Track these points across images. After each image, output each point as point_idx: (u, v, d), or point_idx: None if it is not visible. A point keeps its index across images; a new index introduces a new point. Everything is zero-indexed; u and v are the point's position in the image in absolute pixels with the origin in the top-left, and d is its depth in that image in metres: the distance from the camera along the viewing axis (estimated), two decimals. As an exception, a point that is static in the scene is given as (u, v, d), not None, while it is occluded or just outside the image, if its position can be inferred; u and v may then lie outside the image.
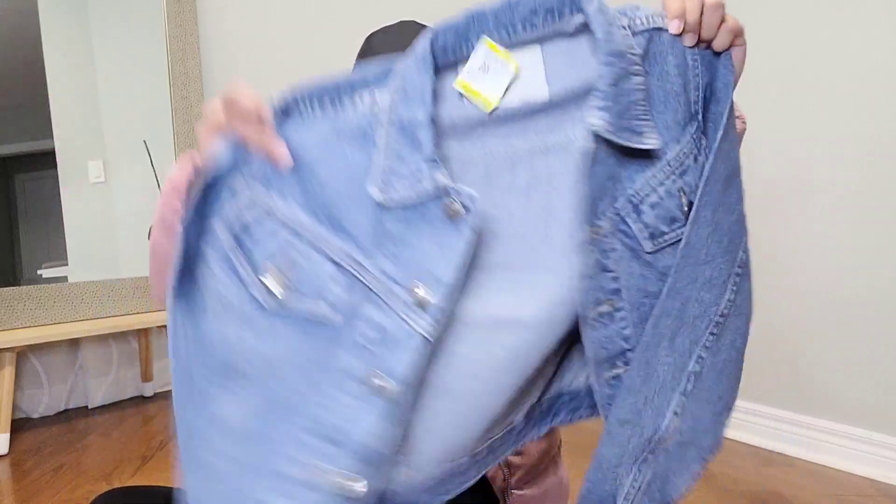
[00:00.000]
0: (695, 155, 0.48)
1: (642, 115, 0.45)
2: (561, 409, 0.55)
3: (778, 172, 1.58)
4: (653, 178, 0.47)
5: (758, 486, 1.37)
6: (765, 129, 1.60)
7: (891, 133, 1.39)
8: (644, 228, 0.47)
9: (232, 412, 0.43)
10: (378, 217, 0.43)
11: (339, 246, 0.43)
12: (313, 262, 0.43)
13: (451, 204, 0.42)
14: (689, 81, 0.48)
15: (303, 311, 0.43)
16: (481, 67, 0.44)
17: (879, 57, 1.40)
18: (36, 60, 1.87)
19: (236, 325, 0.43)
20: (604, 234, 0.46)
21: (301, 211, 0.43)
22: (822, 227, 1.51)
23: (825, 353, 1.52)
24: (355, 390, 0.42)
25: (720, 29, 0.48)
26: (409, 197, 0.42)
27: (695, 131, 0.48)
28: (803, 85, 1.53)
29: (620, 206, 0.46)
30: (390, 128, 0.43)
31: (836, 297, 1.49)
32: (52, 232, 1.91)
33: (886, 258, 1.40)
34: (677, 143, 0.47)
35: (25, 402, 1.84)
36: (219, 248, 0.43)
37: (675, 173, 0.47)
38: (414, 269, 0.42)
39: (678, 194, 0.48)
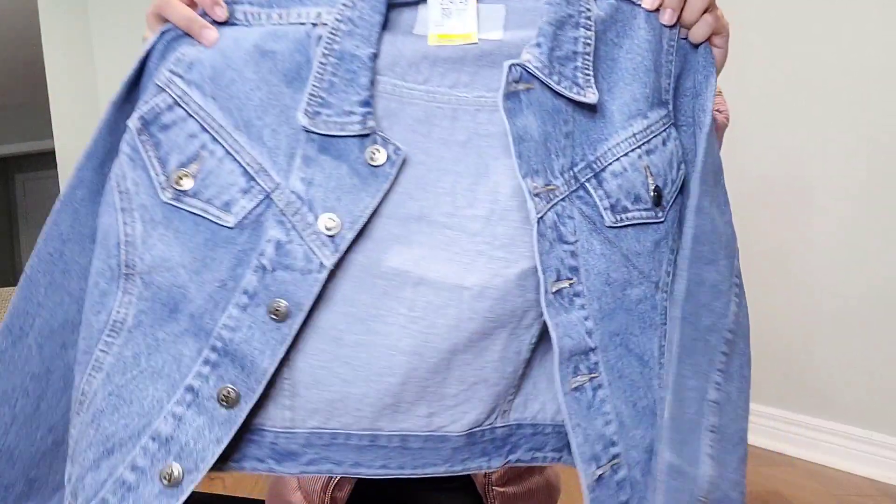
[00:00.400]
0: (664, 139, 0.47)
1: (584, 69, 0.44)
2: (520, 443, 0.49)
3: (777, 172, 1.58)
4: (616, 146, 0.45)
5: (758, 486, 1.37)
6: (765, 127, 1.60)
7: (892, 133, 1.39)
8: (605, 197, 0.45)
9: (122, 311, 0.43)
10: (298, 136, 0.43)
11: (254, 157, 0.42)
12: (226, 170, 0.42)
13: (375, 150, 0.42)
14: (661, 64, 0.47)
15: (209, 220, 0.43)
16: (444, 14, 0.44)
17: (880, 55, 1.40)
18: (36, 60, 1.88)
19: (139, 221, 0.43)
20: (559, 195, 0.44)
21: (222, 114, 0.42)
22: (822, 227, 1.51)
23: (825, 353, 1.52)
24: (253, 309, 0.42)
25: (702, 17, 0.47)
26: (335, 131, 0.42)
27: (664, 116, 0.47)
28: (804, 83, 1.53)
29: (579, 170, 0.45)
30: (329, 56, 0.42)
31: (837, 298, 1.49)
32: (52, 232, 1.91)
33: (886, 258, 1.40)
34: (645, 117, 0.46)
35: (25, 402, 1.83)
36: (131, 143, 0.43)
37: (641, 148, 0.46)
38: (326, 197, 0.42)
39: (644, 171, 0.46)
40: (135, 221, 0.43)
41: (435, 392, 0.45)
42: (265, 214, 0.42)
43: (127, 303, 0.43)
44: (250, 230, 0.42)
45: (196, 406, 0.42)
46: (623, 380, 0.46)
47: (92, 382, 0.43)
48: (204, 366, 0.42)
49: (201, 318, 0.43)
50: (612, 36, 0.46)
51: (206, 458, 0.41)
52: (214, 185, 0.43)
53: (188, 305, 0.43)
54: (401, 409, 0.45)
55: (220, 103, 0.43)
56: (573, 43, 0.44)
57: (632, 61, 0.46)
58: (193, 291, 0.43)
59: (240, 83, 0.43)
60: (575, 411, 0.43)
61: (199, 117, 0.43)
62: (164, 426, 0.42)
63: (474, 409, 0.46)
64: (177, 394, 0.42)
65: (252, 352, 0.41)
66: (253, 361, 0.41)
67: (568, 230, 0.44)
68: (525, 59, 0.43)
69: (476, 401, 0.46)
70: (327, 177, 0.42)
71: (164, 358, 0.43)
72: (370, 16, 0.43)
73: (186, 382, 0.42)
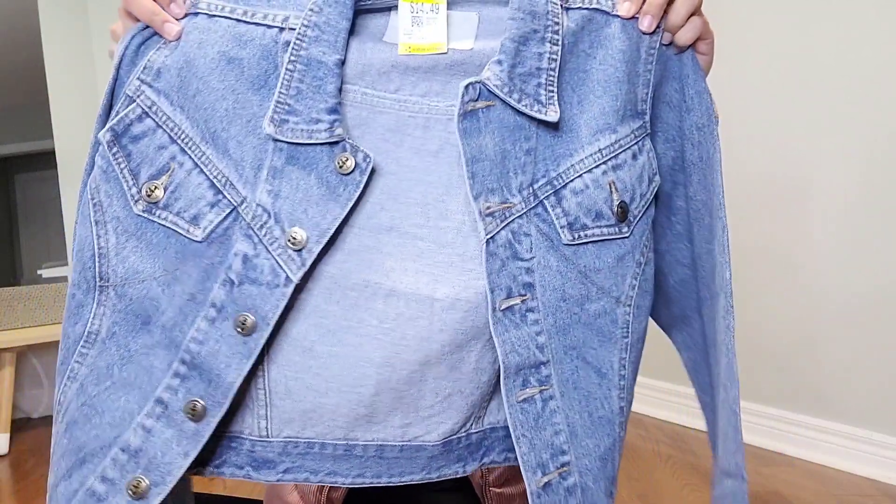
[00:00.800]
0: (634, 153, 0.46)
1: (547, 85, 0.43)
2: (494, 446, 0.49)
3: (778, 171, 1.58)
4: (580, 162, 0.45)
5: (758, 486, 1.37)
6: (766, 127, 1.60)
7: (893, 132, 1.39)
8: (563, 215, 0.44)
9: (97, 323, 0.44)
10: (266, 146, 0.42)
11: (221, 170, 0.42)
12: (194, 183, 0.42)
13: (344, 158, 0.41)
14: (637, 74, 0.46)
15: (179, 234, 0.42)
16: (413, 23, 0.44)
17: (881, 54, 1.40)
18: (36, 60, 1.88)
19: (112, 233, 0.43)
20: (516, 213, 0.43)
21: (190, 124, 0.42)
22: (822, 227, 1.51)
23: (825, 353, 1.52)
24: (220, 322, 0.42)
25: (688, 20, 0.46)
26: (302, 139, 0.41)
27: (638, 128, 0.47)
28: (804, 82, 1.53)
29: (539, 187, 0.44)
30: (296, 62, 0.42)
31: (837, 297, 1.49)
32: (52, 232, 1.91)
33: (886, 258, 1.40)
34: (614, 132, 0.45)
35: (25, 402, 1.84)
36: (104, 155, 0.43)
37: (607, 164, 0.45)
38: (293, 210, 0.42)
39: (608, 188, 0.45)
40: (108, 234, 0.43)
41: (410, 403, 0.45)
42: (232, 228, 0.42)
43: (101, 314, 0.43)
44: (218, 244, 0.42)
45: (165, 419, 0.42)
46: (578, 391, 0.46)
47: (67, 392, 0.43)
48: (174, 378, 0.42)
49: (172, 331, 0.43)
50: (584, 47, 0.45)
51: (174, 472, 0.41)
52: (184, 198, 0.42)
53: (160, 317, 0.43)
54: (375, 420, 0.45)
55: (188, 114, 0.42)
56: (537, 59, 0.43)
57: (604, 73, 0.45)
58: (165, 304, 0.43)
59: (205, 93, 0.42)
60: (520, 422, 0.44)
61: (167, 128, 0.43)
62: (134, 438, 0.42)
63: (450, 419, 0.46)
64: (147, 406, 0.42)
65: (218, 365, 0.41)
66: (219, 375, 0.41)
67: (524, 247, 0.44)
68: (485, 76, 0.42)
69: (452, 411, 0.46)
70: (294, 188, 0.42)
71: (137, 369, 0.43)
72: (337, 21, 0.42)
73: (157, 395, 0.42)
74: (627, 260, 0.47)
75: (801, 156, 1.54)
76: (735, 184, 1.65)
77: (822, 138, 1.50)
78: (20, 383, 1.80)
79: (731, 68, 1.66)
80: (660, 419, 1.84)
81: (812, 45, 1.51)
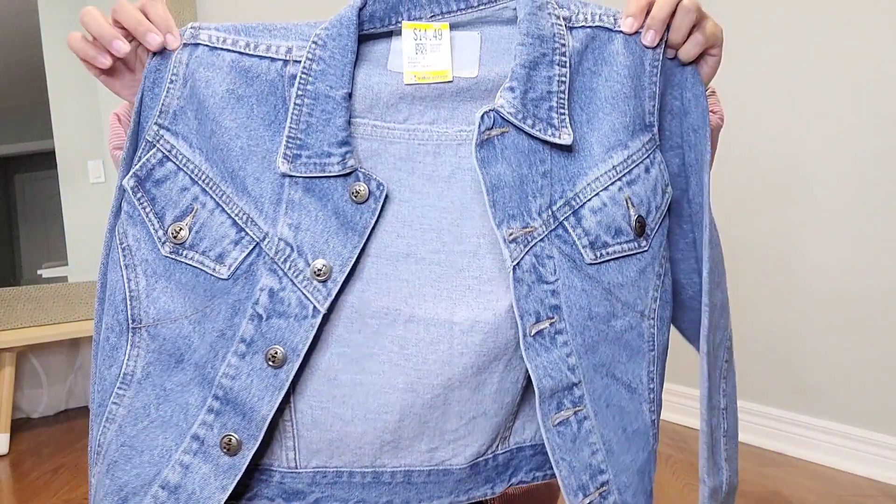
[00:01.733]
0: (647, 166, 0.46)
1: (558, 108, 0.44)
2: (521, 465, 0.49)
3: (777, 171, 1.58)
4: (595, 181, 0.45)
5: (758, 486, 1.37)
6: (766, 125, 1.61)
7: (894, 131, 1.39)
8: (584, 235, 0.44)
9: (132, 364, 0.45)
10: (282, 181, 0.43)
11: (241, 207, 0.43)
12: (217, 222, 0.43)
13: (358, 188, 0.42)
14: (643, 87, 0.46)
15: (205, 273, 0.44)
16: (417, 50, 0.44)
17: (881, 52, 1.40)
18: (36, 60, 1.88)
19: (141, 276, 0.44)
20: (538, 237, 0.44)
21: (209, 165, 0.43)
22: (822, 226, 1.51)
23: (825, 353, 1.52)
24: (250, 357, 0.43)
25: (690, 36, 0.46)
26: (315, 173, 0.42)
27: (648, 141, 0.46)
28: (806, 81, 1.53)
29: (558, 209, 0.44)
30: (304, 97, 0.43)
31: (837, 297, 1.49)
32: (52, 232, 1.91)
33: (887, 258, 1.40)
34: (625, 147, 0.45)
35: (25, 402, 1.84)
36: (129, 200, 0.44)
37: (622, 180, 0.45)
38: (315, 241, 0.43)
39: (625, 203, 0.45)
40: (138, 276, 0.44)
41: (435, 427, 0.45)
42: (256, 263, 0.43)
43: (135, 356, 0.44)
44: (244, 280, 0.43)
45: (202, 454, 0.43)
46: (611, 408, 0.46)
47: (106, 434, 0.44)
48: (208, 414, 0.43)
49: (204, 368, 0.44)
50: (588, 65, 0.45)
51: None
52: (208, 238, 0.43)
53: (193, 355, 0.44)
54: (401, 446, 0.45)
55: (206, 154, 0.43)
56: (547, 82, 0.44)
57: (611, 89, 0.45)
58: (196, 341, 0.44)
59: (220, 133, 0.43)
60: (558, 445, 0.44)
61: (188, 170, 0.44)
62: (173, 475, 0.43)
63: (476, 441, 0.46)
64: (184, 442, 0.43)
65: (251, 399, 0.42)
66: (252, 408, 0.42)
67: (548, 270, 0.44)
68: (498, 104, 0.43)
69: (477, 433, 0.46)
70: (314, 220, 0.43)
71: (172, 407, 0.44)
72: (342, 55, 0.43)
73: (193, 431, 0.43)
74: (648, 273, 0.47)
75: (802, 154, 1.54)
76: (735, 183, 1.65)
77: (820, 136, 1.50)
78: (20, 383, 1.80)
79: (732, 68, 1.66)
80: (660, 419, 1.84)
81: (812, 44, 1.51)
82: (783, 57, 1.56)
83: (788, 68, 1.55)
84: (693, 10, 0.44)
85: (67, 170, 1.93)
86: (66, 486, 1.33)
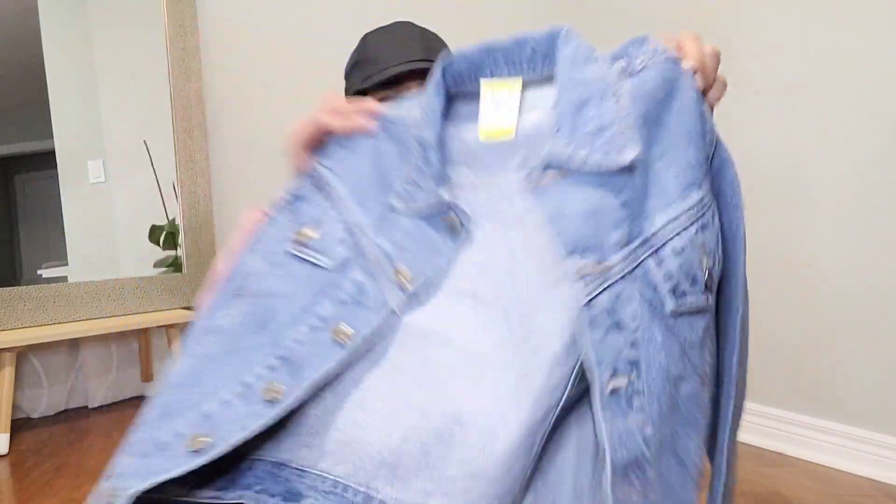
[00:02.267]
0: (713, 212, 0.44)
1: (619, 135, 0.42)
2: None
3: (783, 172, 1.58)
4: (676, 220, 0.41)
5: (758, 486, 1.37)
6: (771, 124, 1.61)
7: (894, 131, 1.39)
8: (667, 279, 0.40)
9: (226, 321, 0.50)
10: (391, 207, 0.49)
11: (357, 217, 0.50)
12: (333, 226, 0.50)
13: (452, 218, 0.47)
14: (707, 130, 0.44)
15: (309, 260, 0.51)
16: (493, 105, 0.48)
17: (881, 53, 1.40)
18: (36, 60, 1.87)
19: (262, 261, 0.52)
20: (616, 275, 0.39)
21: (342, 187, 0.51)
22: (822, 227, 1.51)
23: (825, 353, 1.52)
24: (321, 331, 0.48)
25: (716, 79, 0.46)
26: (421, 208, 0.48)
27: (710, 188, 0.45)
28: (806, 81, 1.53)
29: (637, 246, 0.40)
30: (413, 143, 0.49)
31: (837, 297, 1.49)
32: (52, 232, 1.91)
33: (887, 258, 1.40)
34: (699, 188, 0.43)
35: (25, 402, 1.83)
36: (279, 209, 0.53)
37: (698, 222, 0.42)
38: (405, 254, 0.48)
39: (700, 250, 0.42)
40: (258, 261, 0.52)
41: (434, 466, 0.42)
42: (354, 260, 0.49)
43: (230, 315, 0.51)
44: (339, 271, 0.49)
45: (244, 398, 0.46)
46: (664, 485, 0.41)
47: (179, 365, 0.50)
48: (265, 369, 0.47)
49: (279, 334, 0.49)
50: (658, 97, 0.43)
51: (230, 440, 0.45)
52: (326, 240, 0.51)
53: (274, 324, 0.50)
54: (398, 474, 0.43)
55: (343, 181, 0.52)
56: (600, 117, 0.42)
57: (682, 125, 0.43)
58: (282, 315, 0.50)
59: (359, 167, 0.51)
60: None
61: (326, 192, 0.52)
62: (210, 406, 0.47)
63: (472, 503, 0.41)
64: (233, 385, 0.47)
65: (310, 360, 0.46)
66: (304, 368, 0.46)
67: (627, 315, 0.39)
68: (546, 150, 0.43)
69: (475, 494, 0.40)
70: (409, 238, 0.48)
71: (239, 359, 0.49)
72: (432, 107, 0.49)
73: (244, 378, 0.47)
74: (711, 332, 0.44)
75: (802, 154, 1.54)
76: (742, 183, 1.65)
77: (830, 135, 1.50)
78: (20, 383, 1.80)
79: (732, 68, 1.66)
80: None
81: (812, 45, 1.51)
82: (783, 57, 1.56)
83: (788, 69, 1.55)
84: (718, 54, 0.44)
85: (67, 170, 1.92)
86: (66, 486, 1.33)
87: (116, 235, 2.01)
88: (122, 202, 2.01)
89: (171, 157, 2.02)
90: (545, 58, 0.47)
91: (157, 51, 2.02)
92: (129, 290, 1.90)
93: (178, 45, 2.03)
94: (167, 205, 2.05)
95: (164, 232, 2.04)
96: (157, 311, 1.95)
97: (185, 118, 2.04)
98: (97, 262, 1.95)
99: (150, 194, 2.03)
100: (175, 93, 2.02)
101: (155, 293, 1.96)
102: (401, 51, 0.72)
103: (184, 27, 2.05)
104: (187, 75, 2.05)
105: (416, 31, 0.74)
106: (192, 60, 2.06)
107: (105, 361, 1.97)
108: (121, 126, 2.02)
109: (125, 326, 1.78)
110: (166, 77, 2.02)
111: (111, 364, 1.98)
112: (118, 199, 2.00)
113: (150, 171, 2.03)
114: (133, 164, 2.02)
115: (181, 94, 2.03)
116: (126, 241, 2.01)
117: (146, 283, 1.94)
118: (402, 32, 0.74)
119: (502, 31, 1.79)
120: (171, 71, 2.02)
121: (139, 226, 2.02)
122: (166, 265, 2.04)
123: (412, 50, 0.72)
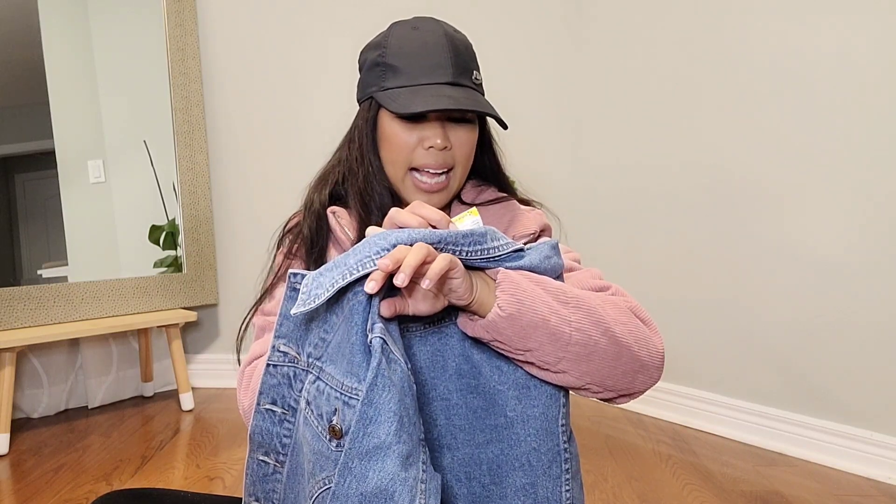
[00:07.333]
0: None
1: None
2: None
3: (775, 171, 1.58)
4: None
5: (758, 486, 1.37)
6: (767, 122, 1.61)
7: (895, 131, 1.39)
8: None
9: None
10: None
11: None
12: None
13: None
14: None
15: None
16: None
17: (882, 53, 1.40)
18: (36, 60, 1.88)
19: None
20: None
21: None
22: (822, 226, 1.51)
23: (826, 354, 1.52)
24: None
25: None
26: None
27: None
28: (807, 81, 1.53)
29: None
30: None
31: (837, 297, 1.49)
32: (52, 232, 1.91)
33: (887, 258, 1.40)
34: None
35: (25, 402, 1.84)
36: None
37: None
38: None
39: None
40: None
41: None
42: None
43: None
44: None
45: None
46: None
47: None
48: None
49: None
50: None
51: None
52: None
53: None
54: None
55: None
56: None
57: None
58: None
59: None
60: None
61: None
62: None
63: None
64: None
65: None
66: None
67: None
68: None
69: None
70: None
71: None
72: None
73: None
74: None
75: (800, 152, 1.54)
76: (735, 184, 1.65)
77: (824, 135, 1.50)
78: (20, 383, 1.80)
79: (727, 65, 1.66)
80: (660, 419, 1.84)
81: (812, 45, 1.51)
82: (784, 57, 1.56)
83: (789, 68, 1.55)
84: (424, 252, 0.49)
85: (67, 170, 1.93)
86: (66, 486, 1.33)
87: (116, 235, 2.01)
88: (122, 202, 2.01)
89: (171, 157, 2.02)
90: None
91: (157, 51, 2.02)
92: (129, 290, 1.90)
93: (178, 46, 2.03)
94: (167, 205, 2.05)
95: (163, 232, 2.04)
96: (156, 311, 1.95)
97: (185, 118, 2.04)
98: (97, 262, 1.95)
99: (150, 194, 2.03)
100: (175, 92, 2.02)
101: (155, 293, 1.96)
102: (427, 67, 0.68)
103: (183, 27, 2.05)
104: (187, 74, 2.05)
105: (444, 40, 0.70)
106: (192, 60, 2.06)
107: (105, 361, 1.97)
108: (121, 126, 2.02)
109: (125, 326, 1.79)
110: (166, 77, 2.02)
111: (111, 364, 1.98)
112: (118, 199, 2.01)
113: (150, 171, 2.03)
114: (133, 164, 2.02)
115: (181, 94, 2.03)
116: (126, 241, 2.01)
117: (146, 283, 1.94)
118: (432, 40, 0.69)
119: (502, 26, 1.77)
120: (171, 71, 2.02)
121: (139, 226, 2.02)
122: (166, 265, 2.04)
123: (441, 65, 0.68)
